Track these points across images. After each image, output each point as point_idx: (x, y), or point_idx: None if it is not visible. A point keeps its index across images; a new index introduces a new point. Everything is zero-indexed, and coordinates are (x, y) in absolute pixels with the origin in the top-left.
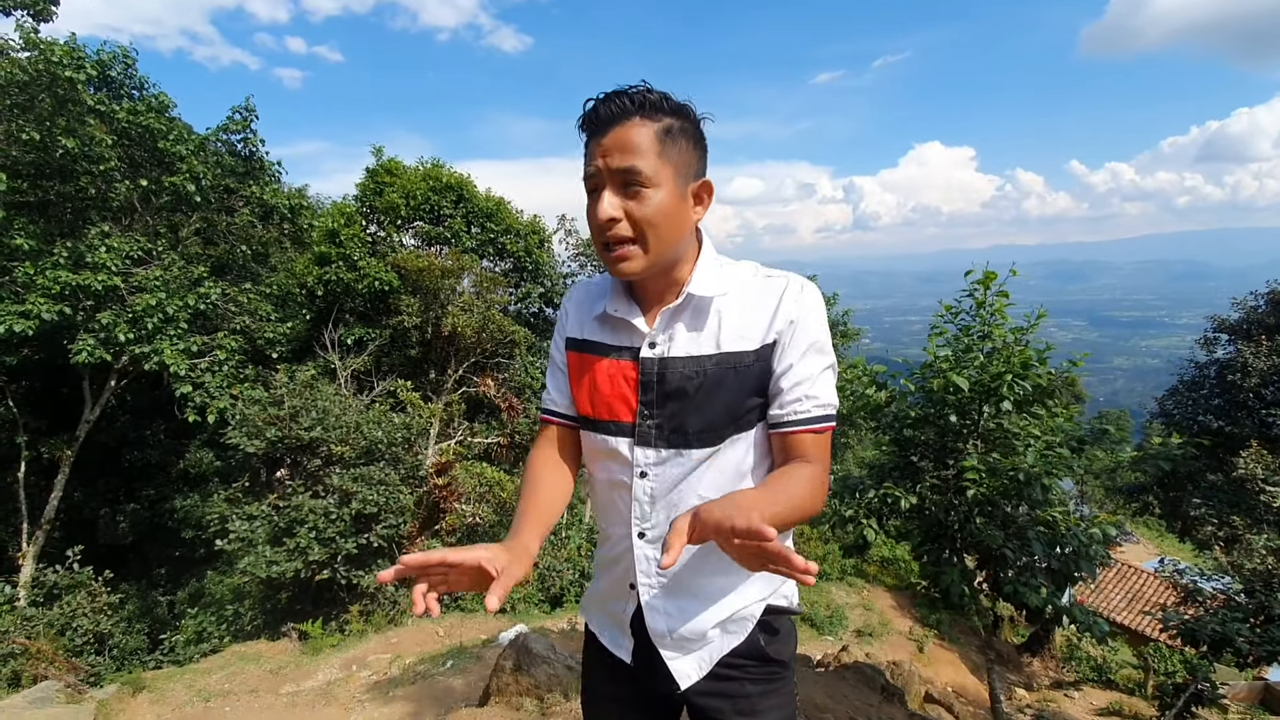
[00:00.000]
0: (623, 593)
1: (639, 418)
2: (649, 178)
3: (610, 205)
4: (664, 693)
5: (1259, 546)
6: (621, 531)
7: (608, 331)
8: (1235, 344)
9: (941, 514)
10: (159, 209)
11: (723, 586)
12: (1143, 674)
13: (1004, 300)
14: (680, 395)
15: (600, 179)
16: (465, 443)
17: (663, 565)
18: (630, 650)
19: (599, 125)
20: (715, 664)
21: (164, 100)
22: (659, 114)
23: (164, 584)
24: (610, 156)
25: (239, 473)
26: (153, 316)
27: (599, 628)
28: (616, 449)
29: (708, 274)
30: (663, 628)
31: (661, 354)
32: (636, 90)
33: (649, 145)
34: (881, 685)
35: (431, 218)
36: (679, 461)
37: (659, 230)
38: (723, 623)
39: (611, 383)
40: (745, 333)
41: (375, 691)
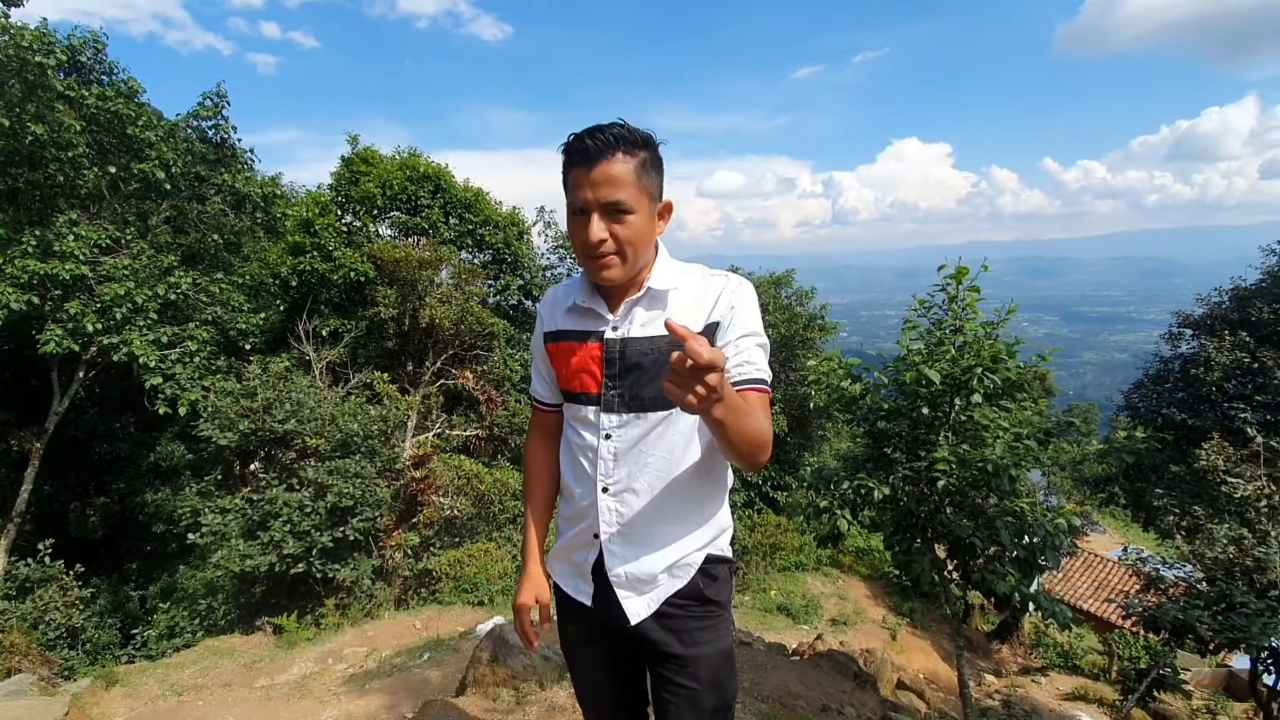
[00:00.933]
0: (586, 542)
1: (604, 388)
2: (631, 206)
3: (599, 230)
4: (618, 627)
5: (1220, 536)
6: (587, 488)
7: (577, 320)
8: (1199, 339)
9: (913, 504)
10: (128, 196)
11: (671, 535)
12: (1107, 660)
13: (975, 295)
14: (638, 369)
15: (589, 206)
16: (443, 435)
17: (670, 325)
18: (590, 594)
19: (586, 159)
20: (662, 603)
21: (134, 85)
22: (636, 149)
23: (135, 578)
24: (598, 190)
25: (211, 466)
26: (121, 306)
27: (561, 577)
28: (586, 416)
29: (664, 272)
30: (619, 570)
31: (623, 335)
32: (616, 129)
33: (630, 179)
34: (855, 673)
35: (409, 208)
36: (638, 424)
37: (636, 246)
38: (669, 568)
39: (581, 361)
40: (692, 317)
41: (351, 684)
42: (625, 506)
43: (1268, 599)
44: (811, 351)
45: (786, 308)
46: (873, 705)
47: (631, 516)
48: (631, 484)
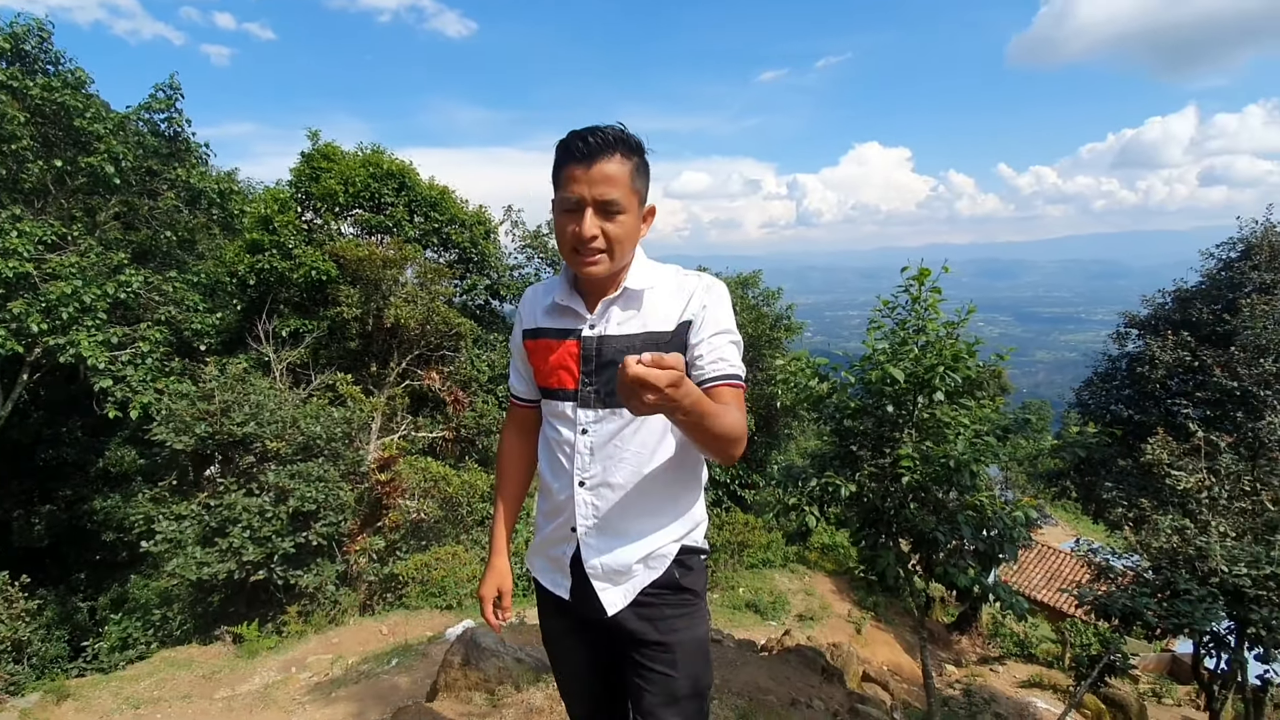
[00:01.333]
0: (564, 536)
1: (580, 385)
2: (623, 205)
3: (592, 226)
4: (596, 619)
5: (1164, 526)
6: (565, 482)
7: (556, 318)
8: (1144, 339)
9: (878, 500)
10: (75, 191)
11: (646, 528)
12: (1061, 648)
13: (937, 296)
14: (613, 365)
15: (584, 203)
16: (409, 437)
17: (625, 367)
18: (569, 588)
19: (585, 156)
20: (638, 594)
21: (81, 76)
22: (632, 152)
23: (85, 589)
24: (595, 187)
25: (165, 471)
26: (68, 306)
27: (540, 572)
28: (564, 411)
29: (641, 272)
30: (597, 563)
31: (600, 333)
32: (618, 130)
33: (625, 179)
34: (822, 667)
35: (372, 206)
36: (613, 419)
37: (623, 245)
38: (645, 558)
39: (560, 358)
40: (666, 315)
41: (316, 693)
42: (601, 500)
43: (1208, 586)
44: (778, 351)
45: (753, 308)
46: (840, 698)
47: (607, 510)
48: (607, 478)
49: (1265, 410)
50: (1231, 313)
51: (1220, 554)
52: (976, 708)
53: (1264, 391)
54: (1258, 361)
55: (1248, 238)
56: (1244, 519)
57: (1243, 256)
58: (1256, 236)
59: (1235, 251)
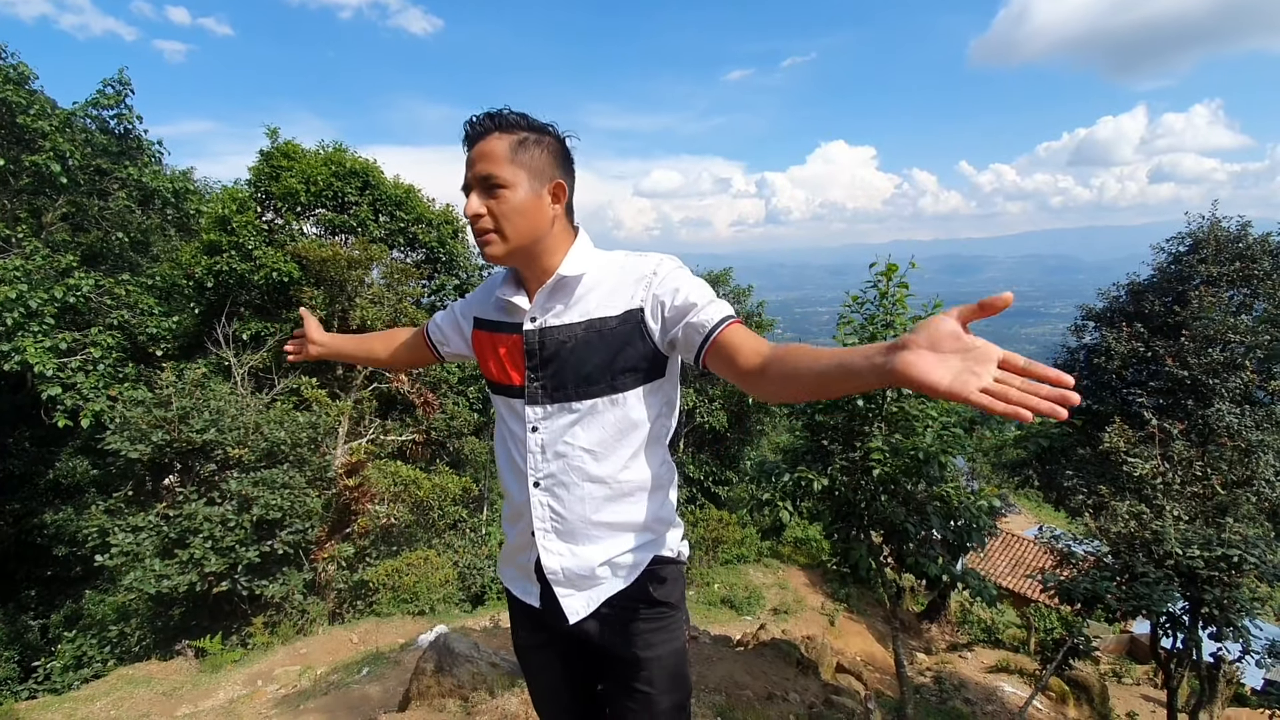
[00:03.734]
0: (526, 543)
1: (527, 380)
2: (504, 180)
3: (474, 204)
4: (563, 630)
5: (1122, 512)
6: (520, 484)
7: (501, 312)
8: (1100, 331)
9: (850, 494)
10: (18, 191)
11: (607, 529)
12: (1026, 633)
13: (904, 291)
14: (556, 358)
15: (468, 183)
16: (378, 441)
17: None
18: (538, 595)
19: (468, 140)
20: (603, 603)
21: (24, 71)
22: (514, 129)
23: (35, 606)
24: (474, 166)
25: (120, 481)
26: (12, 311)
27: (510, 581)
28: (514, 408)
29: (576, 259)
30: (556, 566)
31: (540, 325)
32: (497, 111)
33: (504, 154)
34: (797, 659)
35: (335, 205)
36: (562, 414)
37: (513, 222)
38: (609, 562)
39: (504, 354)
40: (610, 301)
41: (284, 706)
42: (557, 501)
43: (1164, 568)
44: None
45: None
46: (815, 689)
47: (564, 511)
48: (561, 477)
49: (1214, 398)
50: (1181, 304)
51: (1174, 537)
52: (947, 694)
53: (1212, 380)
54: (1206, 351)
55: (1195, 232)
56: (1196, 503)
57: (1190, 250)
58: (1203, 231)
59: (1184, 246)
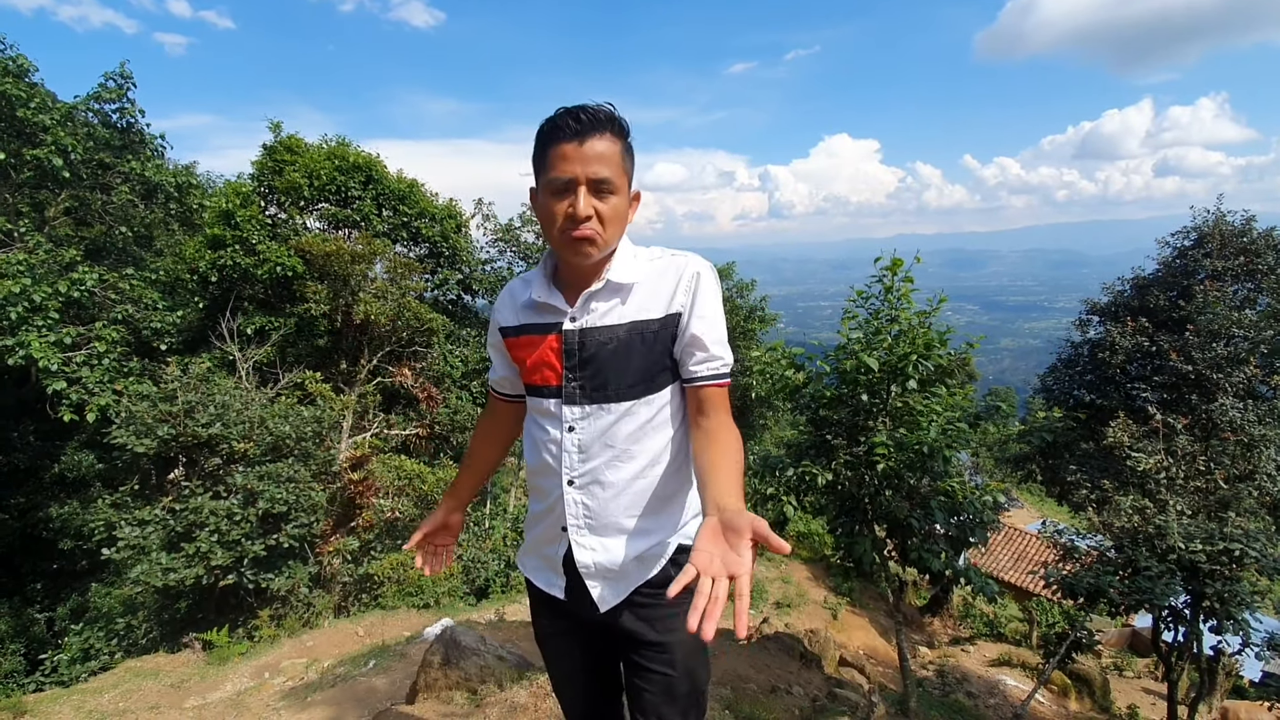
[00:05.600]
0: (555, 536)
1: (564, 380)
2: (616, 186)
3: (587, 204)
4: (590, 619)
5: (1125, 506)
6: (554, 483)
7: (535, 314)
8: (1105, 325)
9: (854, 488)
10: (20, 185)
11: (639, 526)
12: (1028, 626)
13: (909, 286)
14: (597, 359)
15: (576, 182)
16: (382, 435)
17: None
18: (563, 587)
19: (577, 133)
20: (632, 592)
21: (23, 64)
22: (623, 132)
23: (41, 600)
24: (589, 165)
25: (126, 475)
26: (16, 305)
27: (533, 572)
28: (548, 409)
29: (625, 264)
30: (589, 561)
31: (581, 326)
32: (606, 109)
33: (617, 158)
34: (800, 653)
35: (338, 199)
36: (600, 415)
37: (615, 228)
38: (639, 556)
39: (541, 355)
40: (651, 304)
41: (291, 698)
42: (591, 499)
43: (1167, 563)
44: (753, 343)
45: (728, 300)
46: (818, 683)
47: (598, 508)
48: (597, 476)
49: (1217, 392)
50: (1186, 299)
51: (1177, 531)
52: (949, 687)
53: (1216, 374)
54: (1210, 346)
55: (1200, 226)
56: (1199, 497)
57: (1195, 245)
58: (1208, 225)
59: (1189, 240)
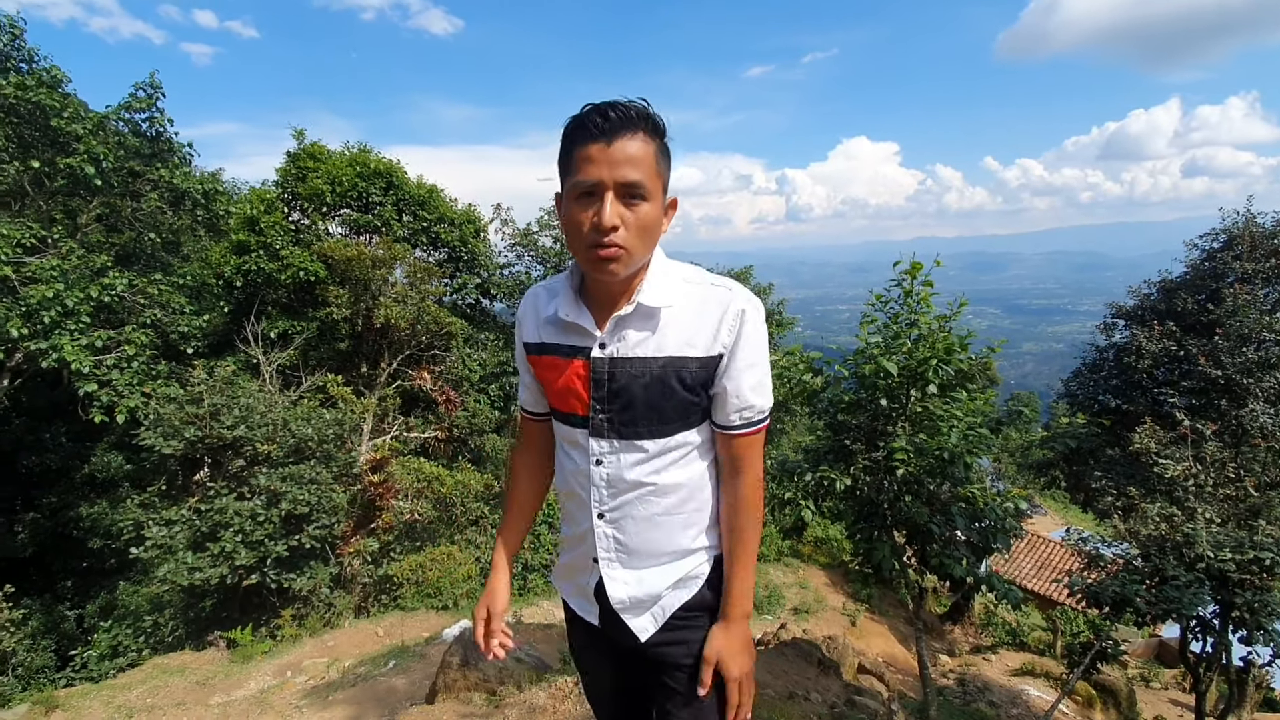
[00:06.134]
0: (586, 566)
1: (591, 411)
2: (648, 191)
3: (614, 215)
4: (627, 645)
5: (1152, 514)
6: (584, 513)
7: (560, 333)
8: (1130, 329)
9: (873, 494)
10: (54, 193)
11: (673, 555)
12: (1052, 635)
13: (929, 290)
14: (627, 393)
15: (603, 186)
16: (401, 438)
17: (700, 695)
18: (597, 615)
19: (605, 133)
20: (669, 616)
21: (56, 74)
22: (658, 133)
23: (71, 597)
24: (617, 168)
25: (153, 476)
26: (50, 309)
27: (568, 595)
28: (576, 439)
29: (657, 285)
30: (622, 595)
31: (611, 354)
32: (638, 106)
33: (650, 162)
34: (818, 659)
35: (359, 205)
36: (630, 452)
37: (646, 239)
38: (674, 583)
39: (566, 380)
40: (691, 340)
41: (313, 696)
42: (622, 533)
43: (1195, 571)
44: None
45: None
46: (837, 689)
47: (630, 542)
48: (628, 511)
49: (1248, 398)
50: (1215, 302)
51: (1206, 540)
52: (970, 696)
53: (1246, 380)
54: (1240, 350)
55: (1229, 228)
56: (1228, 505)
57: (1225, 247)
58: (1238, 227)
59: (1218, 242)
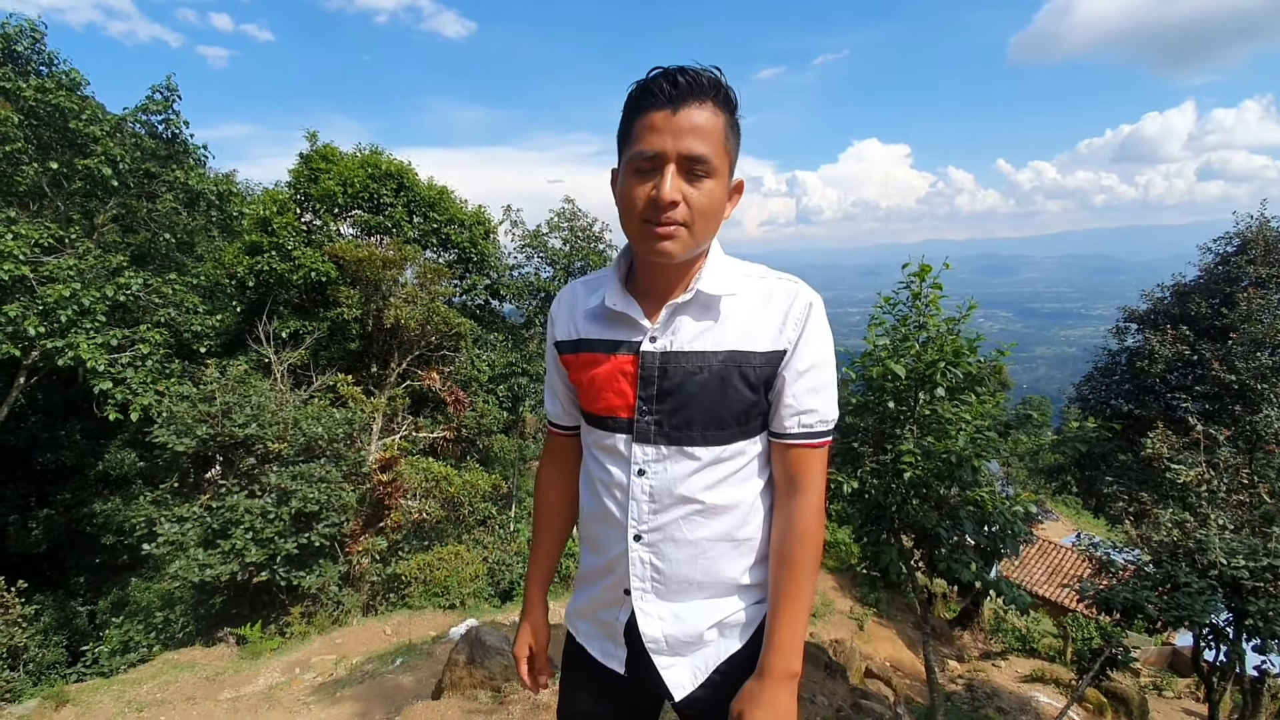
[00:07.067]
0: (616, 600)
1: (637, 414)
2: (714, 168)
3: (674, 189)
4: (649, 708)
5: (1165, 520)
6: (616, 535)
7: (603, 327)
8: (1143, 333)
9: (881, 497)
10: (72, 194)
11: (719, 589)
12: (1062, 642)
13: (938, 292)
14: (682, 390)
15: (664, 159)
16: (410, 437)
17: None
18: (624, 660)
19: (672, 99)
20: (712, 671)
21: (75, 77)
22: (730, 105)
23: (83, 593)
24: (682, 139)
25: (166, 473)
26: (66, 309)
27: (587, 639)
28: (614, 446)
29: (718, 272)
30: (658, 633)
31: (664, 348)
32: (711, 74)
33: (718, 135)
34: (825, 663)
35: (371, 206)
36: (679, 460)
37: (708, 221)
38: (719, 624)
39: (609, 378)
40: (754, 334)
41: (321, 693)
42: (662, 560)
43: (1208, 578)
44: None
45: None
46: (843, 693)
47: (670, 571)
48: (671, 532)
49: (1262, 403)
50: (1229, 307)
51: (1219, 547)
52: (979, 702)
53: (1261, 385)
54: (1255, 355)
55: (1244, 232)
56: (1242, 512)
57: (1239, 251)
58: (1252, 231)
59: (1232, 246)
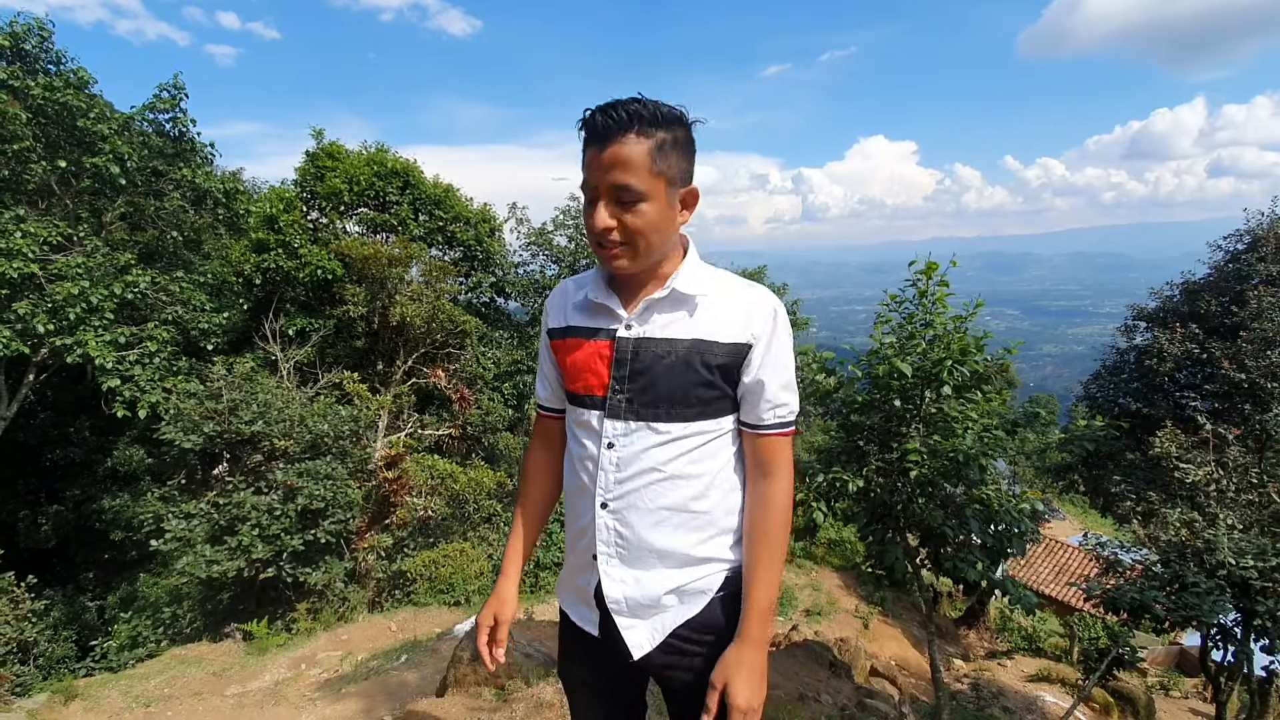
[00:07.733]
0: (587, 565)
1: (610, 392)
2: (642, 193)
3: (605, 217)
4: (622, 665)
5: (1173, 520)
6: (587, 504)
7: (587, 316)
8: (1152, 331)
9: (886, 495)
10: (79, 192)
11: (680, 557)
12: (1069, 641)
13: (945, 290)
14: (650, 372)
15: (597, 191)
16: (415, 435)
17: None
18: (597, 623)
19: (597, 138)
20: (669, 634)
21: (83, 76)
22: (653, 128)
23: (92, 588)
24: (608, 173)
25: (173, 470)
26: (75, 306)
27: (569, 605)
28: (589, 421)
29: (692, 275)
30: (619, 595)
31: (638, 335)
32: (632, 105)
33: (642, 162)
34: (830, 661)
35: (377, 204)
36: (645, 435)
37: (648, 238)
38: (678, 589)
39: (587, 360)
40: (719, 326)
41: (326, 689)
42: (626, 526)
43: (1216, 578)
44: None
45: None
46: (848, 692)
47: (632, 536)
48: (634, 500)
49: (1272, 402)
50: (1239, 305)
51: (1228, 546)
52: (984, 701)
53: (1271, 383)
54: (1265, 354)
55: (1254, 229)
56: (1251, 511)
57: (1249, 248)
58: (1263, 228)
59: (1242, 243)
